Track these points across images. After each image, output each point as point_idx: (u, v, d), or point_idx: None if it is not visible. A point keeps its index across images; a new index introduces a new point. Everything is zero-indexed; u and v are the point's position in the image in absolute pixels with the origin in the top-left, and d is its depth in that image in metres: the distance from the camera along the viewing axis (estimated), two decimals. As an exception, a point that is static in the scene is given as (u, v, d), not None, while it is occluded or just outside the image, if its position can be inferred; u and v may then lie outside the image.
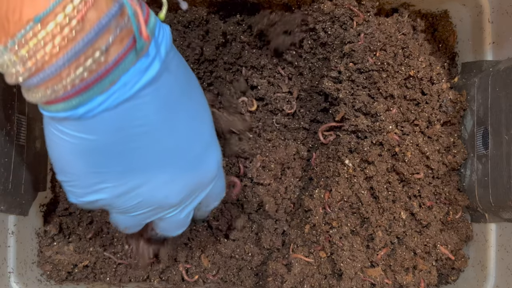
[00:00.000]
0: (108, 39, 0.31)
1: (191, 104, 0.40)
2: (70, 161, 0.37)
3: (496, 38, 0.56)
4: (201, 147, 0.42)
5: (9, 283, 0.53)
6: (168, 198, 0.41)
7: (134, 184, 0.39)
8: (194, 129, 0.40)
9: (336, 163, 0.57)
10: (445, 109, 0.57)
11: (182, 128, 0.39)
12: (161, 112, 0.36)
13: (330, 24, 0.57)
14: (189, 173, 0.41)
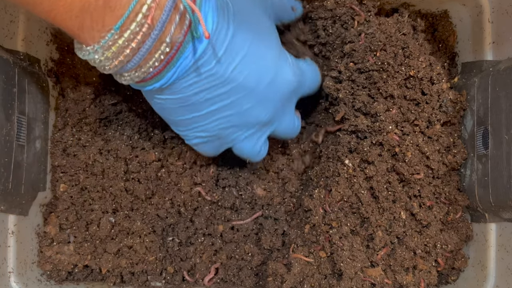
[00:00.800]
0: (170, 30, 0.38)
1: (256, 35, 0.47)
2: (174, 114, 0.48)
3: (496, 38, 0.56)
4: (273, 70, 0.48)
5: (9, 283, 0.53)
6: (261, 117, 0.50)
7: (224, 117, 0.48)
8: (264, 56, 0.47)
9: (336, 163, 0.57)
10: (445, 109, 0.57)
11: (249, 61, 0.46)
12: (224, 62, 0.44)
13: (331, 23, 0.57)
14: (270, 94, 0.49)
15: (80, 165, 0.60)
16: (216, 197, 0.62)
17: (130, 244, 0.58)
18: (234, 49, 0.44)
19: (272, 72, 0.48)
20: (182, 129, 0.51)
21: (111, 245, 0.58)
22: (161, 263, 0.60)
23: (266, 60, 0.48)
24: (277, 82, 0.49)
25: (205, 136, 0.51)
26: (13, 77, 0.52)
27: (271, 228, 0.61)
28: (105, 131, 0.62)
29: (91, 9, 0.36)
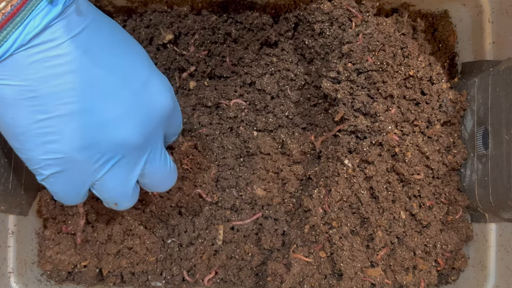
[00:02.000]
0: None
1: (115, 38, 0.41)
2: (11, 118, 0.38)
3: (496, 38, 0.56)
4: (141, 78, 0.42)
5: (9, 283, 0.53)
6: (128, 136, 0.41)
7: (84, 124, 0.39)
8: (125, 61, 0.41)
9: (336, 163, 0.57)
10: (445, 109, 0.57)
11: (110, 59, 0.40)
12: (79, 44, 0.38)
13: (328, 25, 0.57)
14: (139, 107, 0.41)
15: None
16: (216, 198, 0.62)
17: (131, 246, 0.58)
18: (99, 29, 0.40)
19: (143, 77, 0.42)
20: (26, 149, 0.40)
21: (112, 246, 0.58)
22: (161, 263, 0.60)
23: (136, 62, 0.42)
24: (150, 94, 0.42)
25: (60, 159, 0.40)
26: None
27: (271, 228, 0.61)
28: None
29: None
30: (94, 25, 0.39)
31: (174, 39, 0.61)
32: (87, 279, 0.59)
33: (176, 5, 0.59)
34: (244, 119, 0.64)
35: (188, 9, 0.60)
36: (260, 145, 0.63)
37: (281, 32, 0.62)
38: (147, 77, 0.42)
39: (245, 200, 0.62)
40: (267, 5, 0.60)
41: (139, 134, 0.41)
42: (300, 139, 0.64)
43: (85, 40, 0.38)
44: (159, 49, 0.62)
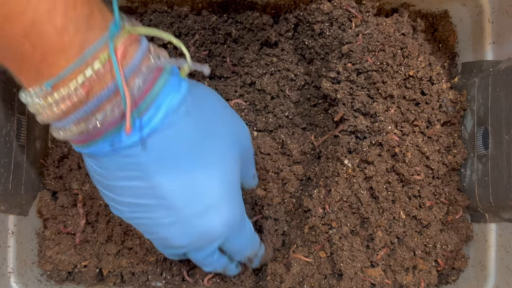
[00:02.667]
0: (106, 110, 0.35)
1: (201, 160, 0.41)
2: (105, 187, 0.42)
3: (496, 38, 0.56)
4: (205, 204, 0.42)
5: (9, 283, 0.53)
6: (173, 240, 0.43)
7: (140, 218, 0.42)
8: (192, 188, 0.41)
9: (336, 163, 0.57)
10: (445, 109, 0.57)
11: (185, 182, 0.41)
12: (155, 165, 0.39)
13: (328, 25, 0.57)
14: (188, 227, 0.43)
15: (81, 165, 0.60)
16: None
17: (130, 246, 0.58)
18: (171, 162, 0.40)
19: (209, 202, 0.42)
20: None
21: (112, 246, 0.58)
22: (161, 263, 0.60)
23: (212, 182, 0.42)
24: (205, 222, 0.43)
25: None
26: (13, 77, 0.52)
27: (271, 228, 0.61)
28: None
29: (29, 58, 0.33)
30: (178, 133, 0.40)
31: None
32: (87, 279, 0.58)
33: (177, 5, 0.59)
34: (244, 119, 0.64)
35: (188, 9, 0.60)
36: (260, 145, 0.63)
37: (281, 32, 0.62)
38: (212, 203, 0.43)
39: (246, 200, 0.62)
40: (267, 5, 0.60)
41: (183, 241, 0.44)
42: (300, 139, 0.64)
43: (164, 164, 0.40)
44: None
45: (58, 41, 0.33)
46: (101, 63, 0.34)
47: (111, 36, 0.34)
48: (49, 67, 0.33)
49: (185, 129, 0.39)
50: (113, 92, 0.35)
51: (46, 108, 0.35)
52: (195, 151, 0.41)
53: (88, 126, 0.36)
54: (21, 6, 0.31)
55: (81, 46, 0.33)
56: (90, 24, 0.34)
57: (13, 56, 0.34)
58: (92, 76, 0.34)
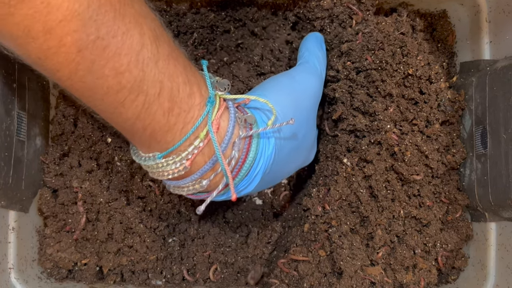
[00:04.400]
0: (209, 177, 0.42)
1: (291, 165, 0.52)
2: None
3: (493, 37, 0.57)
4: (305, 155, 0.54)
5: (9, 279, 0.53)
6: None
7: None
8: (292, 169, 0.53)
9: (335, 162, 0.58)
10: (444, 109, 0.58)
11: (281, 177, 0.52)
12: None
13: (328, 22, 0.57)
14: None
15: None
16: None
17: (131, 244, 0.59)
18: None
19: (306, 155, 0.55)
20: None
21: (112, 244, 0.58)
22: (161, 262, 0.60)
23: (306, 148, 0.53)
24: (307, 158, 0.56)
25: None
26: (13, 73, 0.52)
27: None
28: (106, 132, 0.62)
29: (140, 134, 0.38)
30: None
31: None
32: (87, 277, 0.58)
33: (175, 3, 0.60)
34: None
35: (186, 8, 0.60)
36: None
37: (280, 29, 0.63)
38: (311, 153, 0.57)
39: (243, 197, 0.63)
40: (267, 3, 0.61)
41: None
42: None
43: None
44: None
45: (165, 123, 0.38)
46: (201, 140, 0.39)
47: (209, 114, 0.40)
48: (158, 143, 0.39)
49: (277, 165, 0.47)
50: (214, 163, 0.40)
51: (159, 172, 0.41)
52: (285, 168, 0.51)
53: (195, 188, 0.42)
54: (135, 93, 0.35)
55: (184, 125, 0.38)
56: (190, 104, 0.39)
57: (126, 131, 0.39)
58: (193, 151, 0.39)
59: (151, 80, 0.35)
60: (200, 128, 0.39)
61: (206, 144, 0.40)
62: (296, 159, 0.52)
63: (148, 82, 0.35)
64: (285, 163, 0.49)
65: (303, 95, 0.50)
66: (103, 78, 0.33)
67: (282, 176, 0.52)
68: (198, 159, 0.40)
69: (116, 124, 0.38)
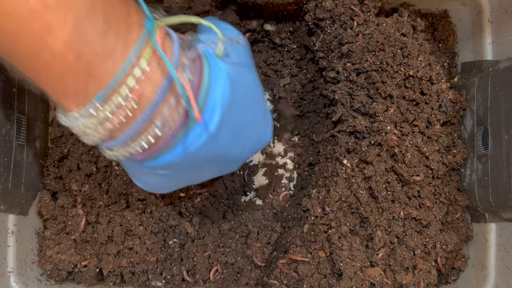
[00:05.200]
0: (163, 112, 0.34)
1: (250, 118, 0.43)
2: (159, 182, 0.44)
3: (495, 37, 0.56)
4: (258, 134, 0.47)
5: (9, 282, 0.53)
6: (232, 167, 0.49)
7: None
8: (253, 131, 0.45)
9: (335, 163, 0.57)
10: (445, 109, 0.57)
11: (244, 139, 0.44)
12: (224, 146, 0.40)
13: (330, 23, 0.57)
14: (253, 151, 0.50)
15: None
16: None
17: (131, 246, 0.58)
18: (243, 112, 0.42)
19: (261, 130, 0.48)
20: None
21: (112, 247, 0.58)
22: (161, 263, 0.60)
23: (253, 138, 0.47)
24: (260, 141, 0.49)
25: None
26: (13, 77, 0.52)
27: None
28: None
29: (73, 74, 0.31)
30: (239, 101, 0.40)
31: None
32: (87, 279, 0.59)
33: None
34: None
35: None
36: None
37: (281, 31, 0.63)
38: (263, 129, 0.48)
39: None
40: (267, 5, 0.60)
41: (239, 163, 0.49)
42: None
43: (224, 139, 0.40)
44: None
45: (103, 48, 0.31)
46: (147, 60, 0.33)
47: (149, 32, 0.33)
48: (96, 78, 0.32)
49: (238, 110, 0.40)
50: (167, 91, 0.34)
51: (98, 126, 0.33)
52: (247, 120, 0.43)
53: (148, 138, 0.35)
54: (62, 11, 0.29)
55: (124, 48, 0.32)
56: (129, 23, 0.33)
57: (54, 74, 0.31)
58: (141, 78, 0.32)
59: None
60: (143, 48, 0.33)
61: (154, 67, 0.33)
62: (253, 114, 0.45)
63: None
64: (244, 114, 0.42)
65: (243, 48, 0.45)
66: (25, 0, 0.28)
67: (245, 139, 0.44)
68: (146, 91, 0.33)
69: (43, 63, 0.30)
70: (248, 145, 0.45)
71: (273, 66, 0.65)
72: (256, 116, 0.45)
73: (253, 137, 0.46)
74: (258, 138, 0.47)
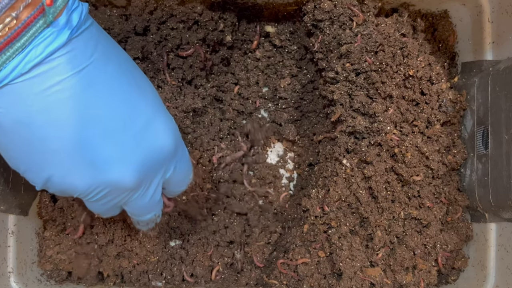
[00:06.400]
0: (19, 7, 0.33)
1: (121, 74, 0.40)
2: (11, 144, 0.38)
3: (496, 37, 0.56)
4: (144, 118, 0.40)
5: (9, 283, 0.53)
6: (123, 179, 0.40)
7: (78, 161, 0.38)
8: (129, 100, 0.40)
9: (334, 163, 0.57)
10: (445, 109, 0.57)
11: (113, 98, 0.38)
12: (82, 78, 0.36)
13: (329, 24, 0.57)
14: (138, 149, 0.40)
15: None
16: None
17: (131, 248, 0.59)
18: (106, 64, 0.38)
19: (146, 117, 0.41)
20: (28, 171, 0.40)
21: (112, 249, 0.58)
22: (161, 263, 0.60)
23: (140, 100, 0.41)
24: (151, 135, 0.41)
25: (55, 185, 0.40)
26: None
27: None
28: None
29: None
30: (101, 60, 0.38)
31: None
32: (87, 279, 0.59)
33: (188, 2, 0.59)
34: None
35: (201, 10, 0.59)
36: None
37: (281, 32, 0.63)
38: (150, 117, 0.41)
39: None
40: (267, 5, 0.60)
41: (134, 177, 0.40)
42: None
43: (89, 75, 0.37)
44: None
45: None
46: None
47: None
48: None
49: (97, 43, 0.38)
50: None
51: None
52: (113, 67, 0.39)
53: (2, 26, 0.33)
54: None
55: None
56: None
57: None
58: None
59: None
60: None
61: None
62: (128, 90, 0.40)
63: None
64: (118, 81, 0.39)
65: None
66: None
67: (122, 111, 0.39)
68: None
69: None
70: (120, 116, 0.39)
71: (273, 67, 0.65)
72: (132, 95, 0.40)
73: (129, 110, 0.39)
74: (138, 124, 0.40)
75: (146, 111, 0.41)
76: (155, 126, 0.41)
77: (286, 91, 0.65)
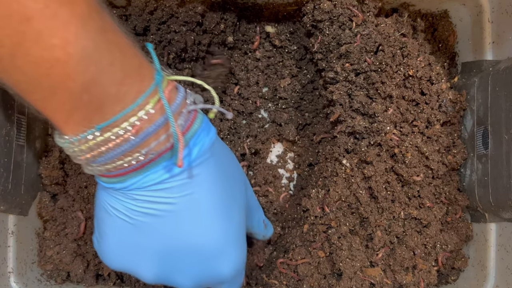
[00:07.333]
0: (150, 145, 0.37)
1: (222, 203, 0.43)
2: (111, 226, 0.43)
3: (496, 37, 0.56)
4: (219, 248, 0.43)
5: (9, 283, 0.53)
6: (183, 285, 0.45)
7: (157, 266, 0.43)
8: (215, 225, 0.43)
9: (334, 163, 0.57)
10: (445, 109, 0.57)
11: (204, 220, 0.42)
12: (185, 198, 0.40)
13: (328, 24, 0.57)
14: (202, 274, 0.44)
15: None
16: None
17: None
18: (210, 189, 0.42)
19: (220, 246, 0.43)
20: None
21: None
22: None
23: (223, 228, 0.43)
24: (217, 265, 0.44)
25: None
26: None
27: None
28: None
29: (83, 108, 0.34)
30: (207, 184, 0.42)
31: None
32: (87, 279, 0.58)
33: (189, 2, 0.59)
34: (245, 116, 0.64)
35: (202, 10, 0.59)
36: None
37: (281, 32, 0.63)
38: (224, 248, 0.44)
39: None
40: (267, 5, 0.60)
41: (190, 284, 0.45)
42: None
43: (193, 198, 0.41)
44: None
45: (116, 93, 0.35)
46: (152, 105, 0.36)
47: (158, 83, 0.37)
48: (103, 114, 0.35)
49: (212, 167, 0.42)
50: (159, 127, 0.37)
51: (92, 149, 0.36)
52: (216, 194, 0.42)
53: (129, 160, 0.37)
54: (84, 64, 0.32)
55: (135, 95, 0.36)
56: (141, 75, 0.36)
57: (64, 108, 0.34)
58: (142, 117, 0.36)
59: (102, 50, 0.33)
60: (151, 96, 0.37)
61: (157, 110, 0.37)
62: (234, 178, 0.46)
63: (99, 52, 0.33)
64: (227, 167, 0.44)
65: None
66: (51, 49, 0.31)
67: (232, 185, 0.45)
68: (144, 127, 0.37)
69: (58, 101, 0.34)
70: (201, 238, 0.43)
71: (273, 67, 0.65)
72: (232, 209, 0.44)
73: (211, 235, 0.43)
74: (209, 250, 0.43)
75: (227, 241, 0.44)
76: (224, 257, 0.44)
77: (286, 91, 0.65)
